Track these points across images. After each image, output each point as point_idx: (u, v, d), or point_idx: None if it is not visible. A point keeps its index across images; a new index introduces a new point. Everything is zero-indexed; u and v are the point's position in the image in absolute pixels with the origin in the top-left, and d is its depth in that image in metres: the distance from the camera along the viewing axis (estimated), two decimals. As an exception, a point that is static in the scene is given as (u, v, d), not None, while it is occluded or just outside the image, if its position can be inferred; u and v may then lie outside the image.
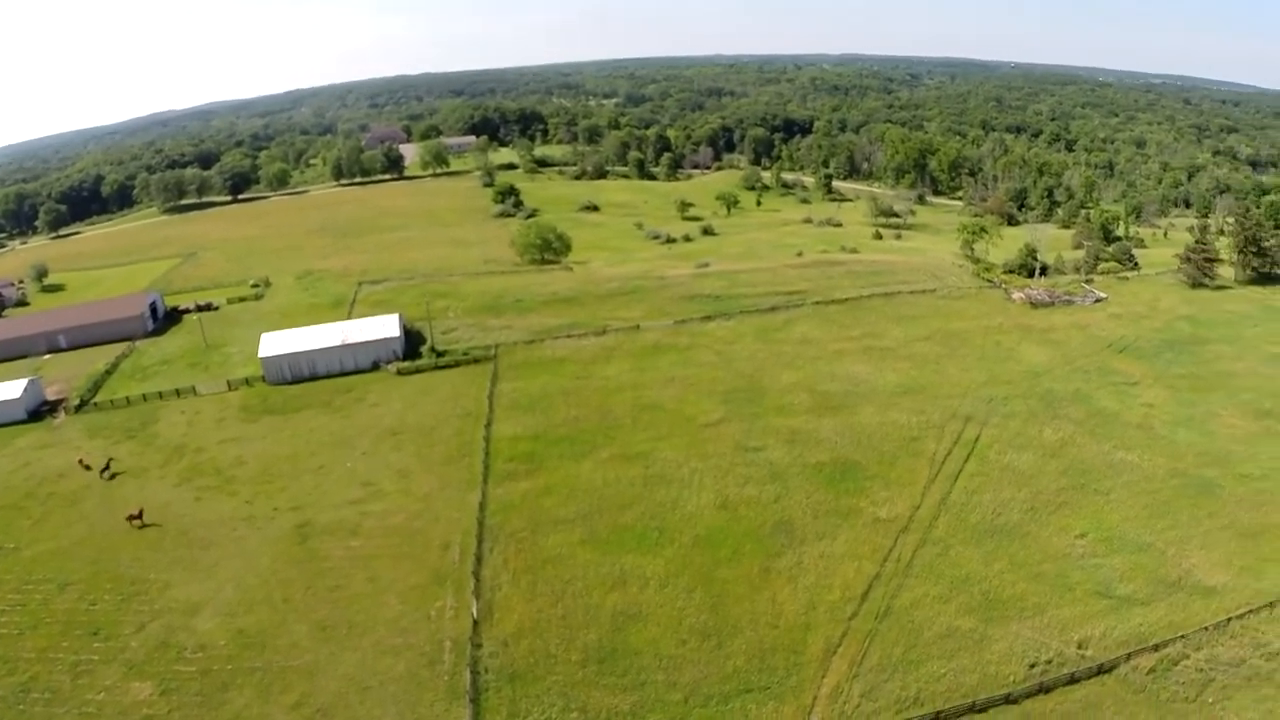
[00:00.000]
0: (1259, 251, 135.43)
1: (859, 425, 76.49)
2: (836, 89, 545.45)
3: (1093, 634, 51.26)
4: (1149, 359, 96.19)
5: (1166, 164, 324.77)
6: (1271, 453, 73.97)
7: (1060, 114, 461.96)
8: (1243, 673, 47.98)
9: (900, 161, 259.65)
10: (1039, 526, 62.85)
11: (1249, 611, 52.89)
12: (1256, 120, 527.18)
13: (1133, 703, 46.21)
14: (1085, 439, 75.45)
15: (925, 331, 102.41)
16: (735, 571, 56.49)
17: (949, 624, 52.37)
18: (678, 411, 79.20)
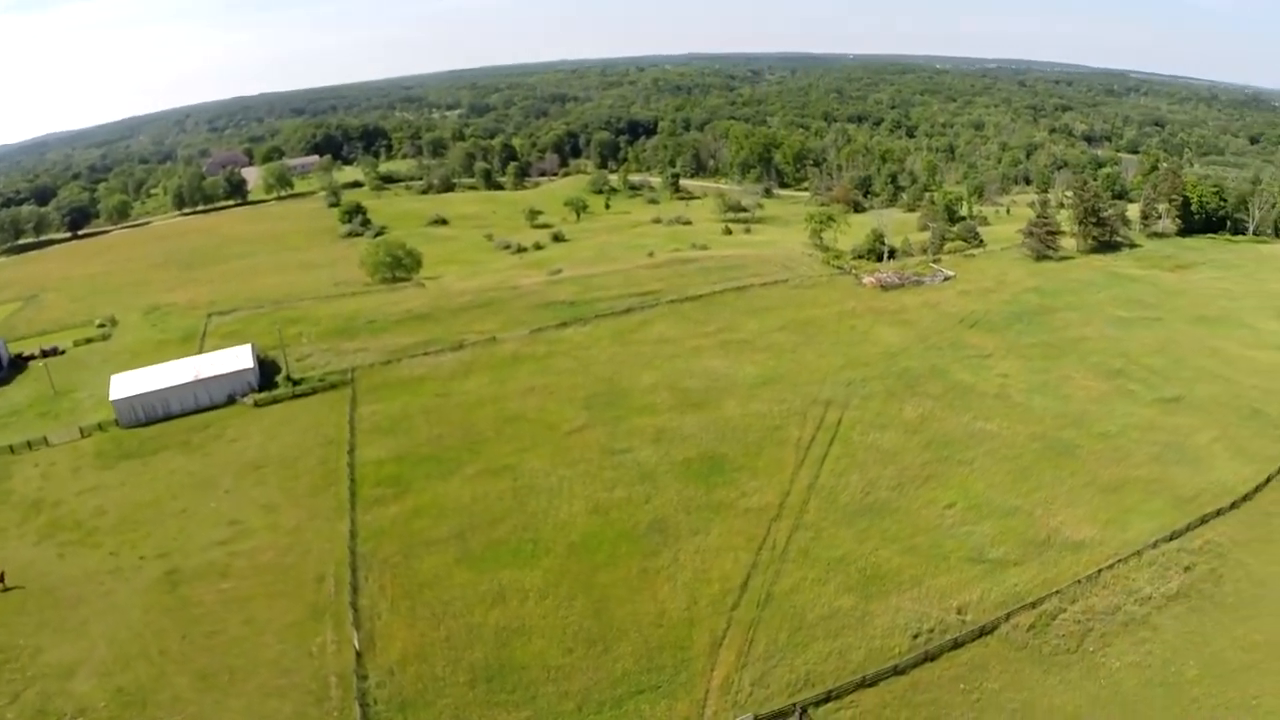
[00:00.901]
0: (1098, 222, 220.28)
1: (723, 419, 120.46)
2: (679, 88, 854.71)
3: (971, 599, 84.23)
4: (1000, 331, 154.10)
5: (1005, 144, 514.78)
6: (1125, 410, 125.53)
7: (900, 102, 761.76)
8: (1118, 619, 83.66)
9: (745, 157, 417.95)
10: (908, 501, 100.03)
11: (1118, 561, 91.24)
12: (1089, 98, 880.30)
13: (1017, 660, 78.01)
14: (945, 413, 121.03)
15: (780, 322, 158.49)
16: (614, 575, 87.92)
17: (830, 604, 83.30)
18: (541, 421, 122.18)
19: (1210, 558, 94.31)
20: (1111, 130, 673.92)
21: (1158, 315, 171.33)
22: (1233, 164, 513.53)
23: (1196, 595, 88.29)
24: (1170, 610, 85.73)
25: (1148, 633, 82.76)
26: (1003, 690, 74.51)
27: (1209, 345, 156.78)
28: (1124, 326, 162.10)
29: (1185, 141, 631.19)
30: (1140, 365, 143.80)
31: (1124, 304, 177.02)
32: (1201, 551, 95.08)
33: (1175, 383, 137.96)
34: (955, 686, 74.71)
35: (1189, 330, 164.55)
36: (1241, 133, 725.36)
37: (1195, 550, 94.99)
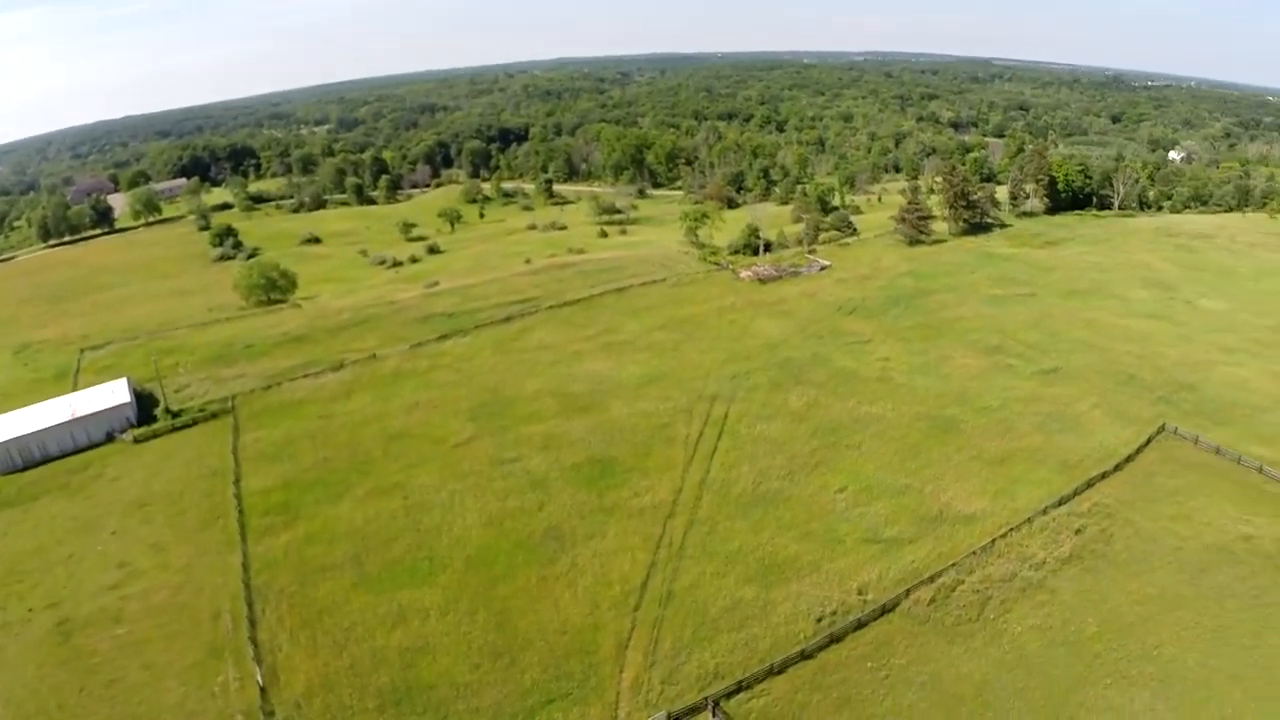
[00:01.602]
0: (968, 204, 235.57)
1: (610, 421, 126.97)
2: (549, 94, 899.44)
3: (870, 578, 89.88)
4: (878, 316, 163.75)
5: (874, 134, 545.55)
6: (1005, 384, 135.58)
7: (769, 97, 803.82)
8: (1016, 585, 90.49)
9: (618, 159, 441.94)
10: (800, 488, 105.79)
11: (1010, 530, 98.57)
12: (954, 86, 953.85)
13: (921, 634, 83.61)
14: (830, 399, 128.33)
15: (661, 320, 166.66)
16: (513, 586, 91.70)
17: (732, 596, 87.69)
18: (427, 436, 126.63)
19: (1099, 519, 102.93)
20: (977, 116, 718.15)
21: (1031, 291, 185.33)
22: (1096, 143, 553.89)
23: (1089, 555, 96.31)
24: (1065, 572, 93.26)
25: (1045, 595, 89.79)
26: (910, 664, 79.78)
27: (1082, 317, 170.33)
28: (999, 304, 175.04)
29: (1050, 123, 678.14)
30: (1017, 340, 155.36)
31: (998, 282, 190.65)
32: (1090, 514, 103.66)
33: (1052, 355, 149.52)
34: (863, 665, 79.62)
35: (1062, 304, 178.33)
36: (1103, 113, 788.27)
37: (1084, 513, 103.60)
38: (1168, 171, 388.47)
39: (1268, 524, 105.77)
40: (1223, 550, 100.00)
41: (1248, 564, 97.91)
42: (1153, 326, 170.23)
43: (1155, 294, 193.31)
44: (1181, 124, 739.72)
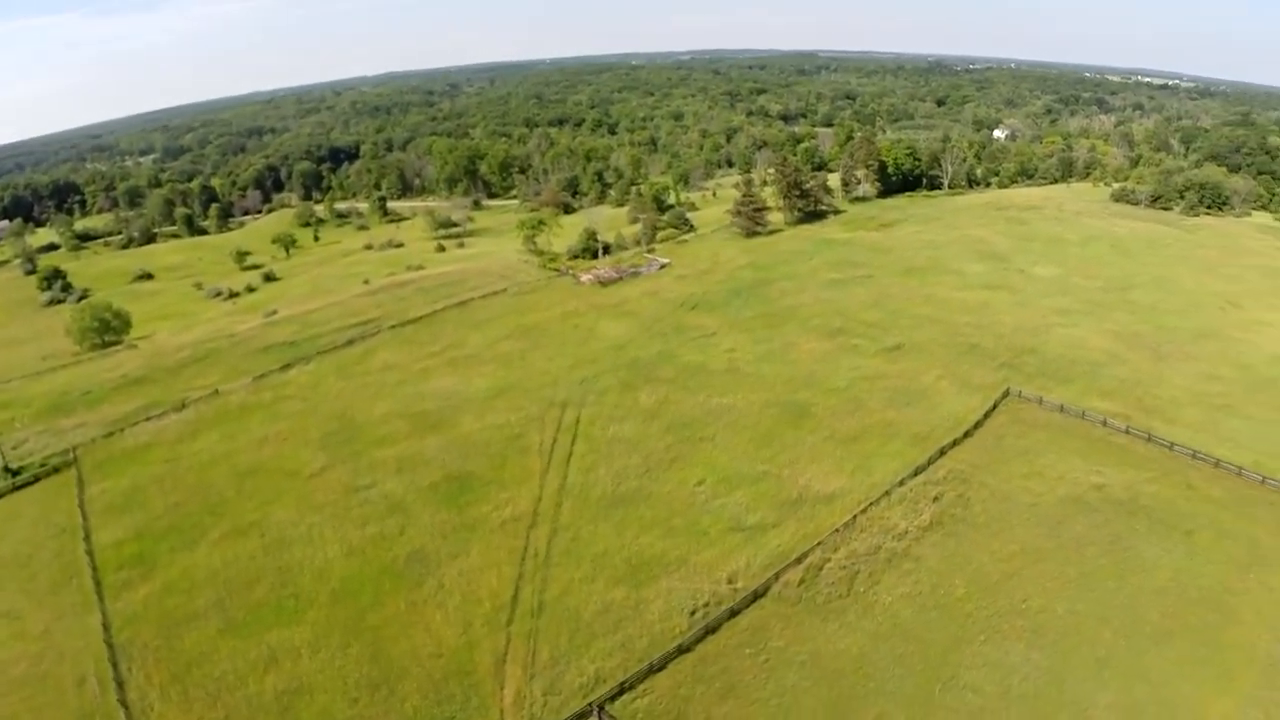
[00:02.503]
0: (802, 194, 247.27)
1: (462, 437, 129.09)
2: (379, 109, 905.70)
3: (738, 566, 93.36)
4: (721, 309, 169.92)
5: (705, 131, 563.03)
6: (850, 364, 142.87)
7: (600, 101, 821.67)
8: (881, 557, 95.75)
9: (451, 171, 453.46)
10: (659, 485, 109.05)
11: (870, 504, 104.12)
12: (782, 79, 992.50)
13: (794, 615, 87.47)
14: (680, 395, 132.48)
15: (505, 331, 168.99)
16: (383, 614, 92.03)
17: (603, 599, 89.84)
18: (279, 470, 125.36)
19: (955, 484, 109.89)
20: (806, 107, 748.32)
21: (869, 273, 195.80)
22: (923, 126, 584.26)
23: (949, 521, 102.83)
24: (928, 539, 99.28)
25: (911, 564, 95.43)
26: (788, 646, 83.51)
27: (921, 293, 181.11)
28: (839, 288, 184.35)
29: (877, 110, 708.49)
30: (859, 321, 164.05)
31: (836, 267, 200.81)
32: (946, 481, 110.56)
33: (894, 332, 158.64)
34: (741, 652, 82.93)
35: (900, 282, 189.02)
36: (928, 97, 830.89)
37: (940, 481, 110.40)
38: (994, 149, 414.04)
39: (1116, 472, 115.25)
40: (1077, 501, 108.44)
41: (1102, 512, 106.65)
42: (990, 297, 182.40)
43: (990, 266, 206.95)
44: (1004, 103, 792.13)
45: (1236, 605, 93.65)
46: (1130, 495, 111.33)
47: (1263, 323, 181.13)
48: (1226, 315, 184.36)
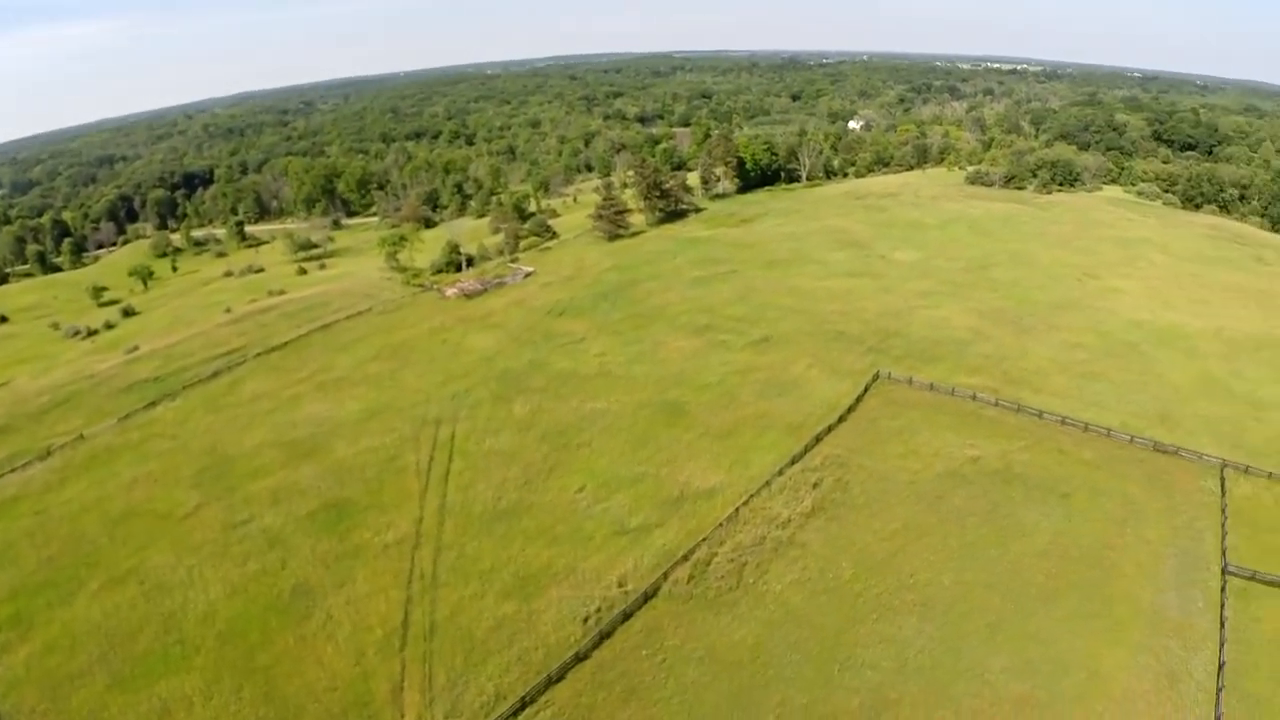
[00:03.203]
0: (662, 194, 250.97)
1: (337, 463, 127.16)
2: (232, 131, 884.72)
3: (626, 569, 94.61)
4: (588, 313, 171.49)
5: (564, 137, 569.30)
6: (720, 360, 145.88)
7: (456, 112, 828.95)
8: (767, 547, 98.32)
9: (308, 192, 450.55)
10: (539, 495, 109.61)
11: (750, 496, 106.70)
12: (638, 82, 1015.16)
13: (687, 612, 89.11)
14: (553, 403, 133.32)
15: (373, 351, 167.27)
16: (273, 652, 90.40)
17: (495, 615, 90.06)
18: (152, 513, 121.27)
19: (833, 469, 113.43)
20: (663, 108, 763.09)
21: (733, 268, 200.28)
22: (779, 121, 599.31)
23: (830, 505, 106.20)
24: (811, 525, 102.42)
25: (797, 551, 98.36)
26: (683, 643, 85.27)
27: (785, 285, 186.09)
28: (703, 285, 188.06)
29: (733, 108, 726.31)
30: (726, 316, 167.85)
31: (700, 264, 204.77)
32: (824, 466, 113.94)
33: (761, 325, 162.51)
34: (638, 654, 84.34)
35: (764, 275, 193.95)
36: (783, 93, 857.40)
37: (818, 467, 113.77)
38: (850, 140, 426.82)
39: (989, 444, 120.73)
40: (954, 475, 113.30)
41: (978, 483, 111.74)
42: (853, 284, 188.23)
43: (851, 254, 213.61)
44: (858, 95, 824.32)
45: (1117, 560, 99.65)
46: (1005, 465, 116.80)
47: (1118, 290, 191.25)
48: (1084, 286, 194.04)
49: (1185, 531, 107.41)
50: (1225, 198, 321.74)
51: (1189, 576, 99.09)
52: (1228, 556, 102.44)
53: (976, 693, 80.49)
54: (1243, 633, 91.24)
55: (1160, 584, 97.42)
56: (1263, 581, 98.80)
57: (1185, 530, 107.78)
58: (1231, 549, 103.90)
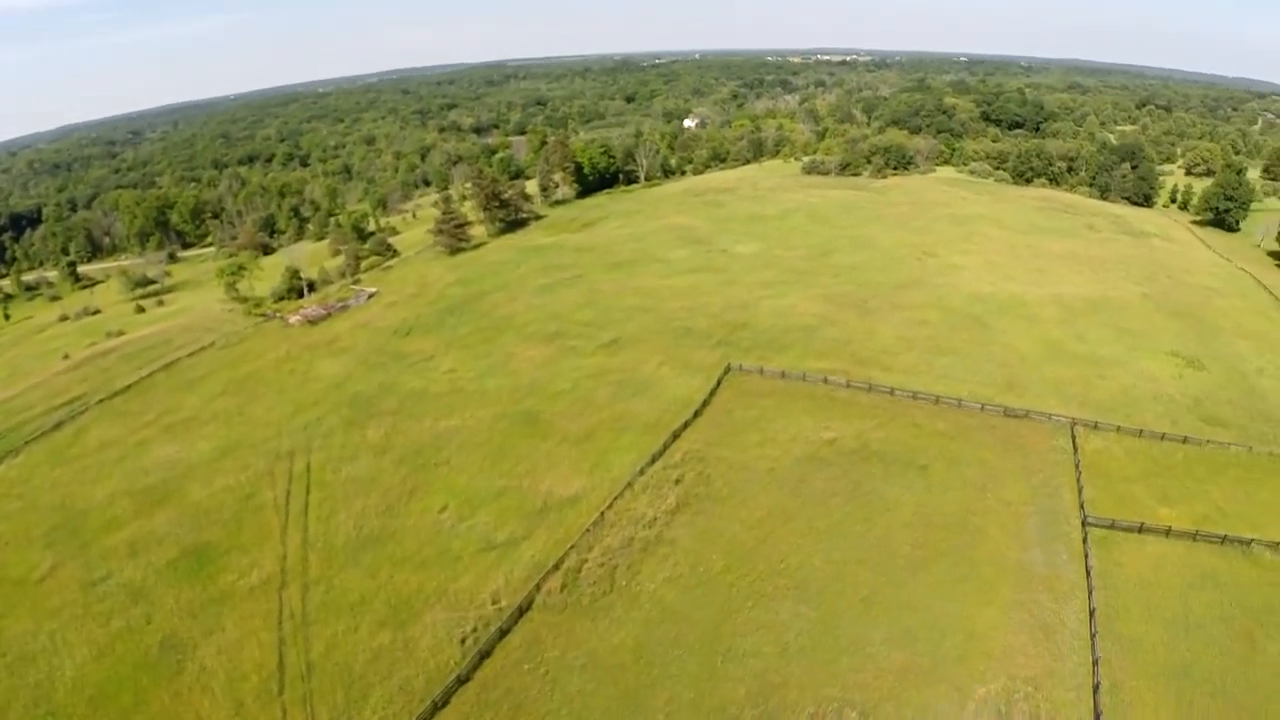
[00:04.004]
0: (502, 204, 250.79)
1: (193, 507, 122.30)
2: (59, 167, 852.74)
3: (498, 586, 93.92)
4: (435, 330, 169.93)
5: (399, 152, 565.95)
6: (571, 365, 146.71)
7: (289, 133, 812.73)
8: (636, 548, 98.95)
9: (141, 225, 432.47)
10: (402, 519, 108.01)
11: (614, 499, 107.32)
12: (472, 92, 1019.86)
13: (564, 621, 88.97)
14: (407, 424, 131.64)
15: (219, 387, 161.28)
16: (148, 713, 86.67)
17: (371, 647, 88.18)
18: (5, 579, 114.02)
19: (694, 464, 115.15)
20: (498, 118, 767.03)
21: (578, 273, 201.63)
22: (615, 124, 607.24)
23: (694, 499, 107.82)
24: (678, 521, 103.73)
25: (667, 548, 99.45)
26: (564, 653, 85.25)
27: (630, 286, 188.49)
28: (549, 292, 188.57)
29: (568, 113, 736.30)
30: (574, 322, 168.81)
31: (544, 272, 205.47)
32: (684, 462, 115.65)
33: (609, 328, 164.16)
34: (520, 670, 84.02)
35: (609, 278, 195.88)
36: (618, 95, 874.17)
37: (678, 464, 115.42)
38: (685, 138, 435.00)
39: (844, 425, 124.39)
40: (813, 459, 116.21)
41: (837, 464, 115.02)
42: (698, 280, 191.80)
43: (694, 250, 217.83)
44: (692, 93, 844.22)
45: (980, 524, 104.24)
46: (862, 444, 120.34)
47: (957, 266, 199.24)
48: (923, 264, 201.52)
49: (1043, 490, 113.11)
50: (1054, 171, 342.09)
51: (1051, 531, 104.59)
52: (1086, 509, 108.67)
53: (860, 666, 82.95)
54: (1108, 579, 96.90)
55: (1024, 542, 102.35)
56: (1122, 529, 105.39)
57: (1043, 488, 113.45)
58: (1089, 501, 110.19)
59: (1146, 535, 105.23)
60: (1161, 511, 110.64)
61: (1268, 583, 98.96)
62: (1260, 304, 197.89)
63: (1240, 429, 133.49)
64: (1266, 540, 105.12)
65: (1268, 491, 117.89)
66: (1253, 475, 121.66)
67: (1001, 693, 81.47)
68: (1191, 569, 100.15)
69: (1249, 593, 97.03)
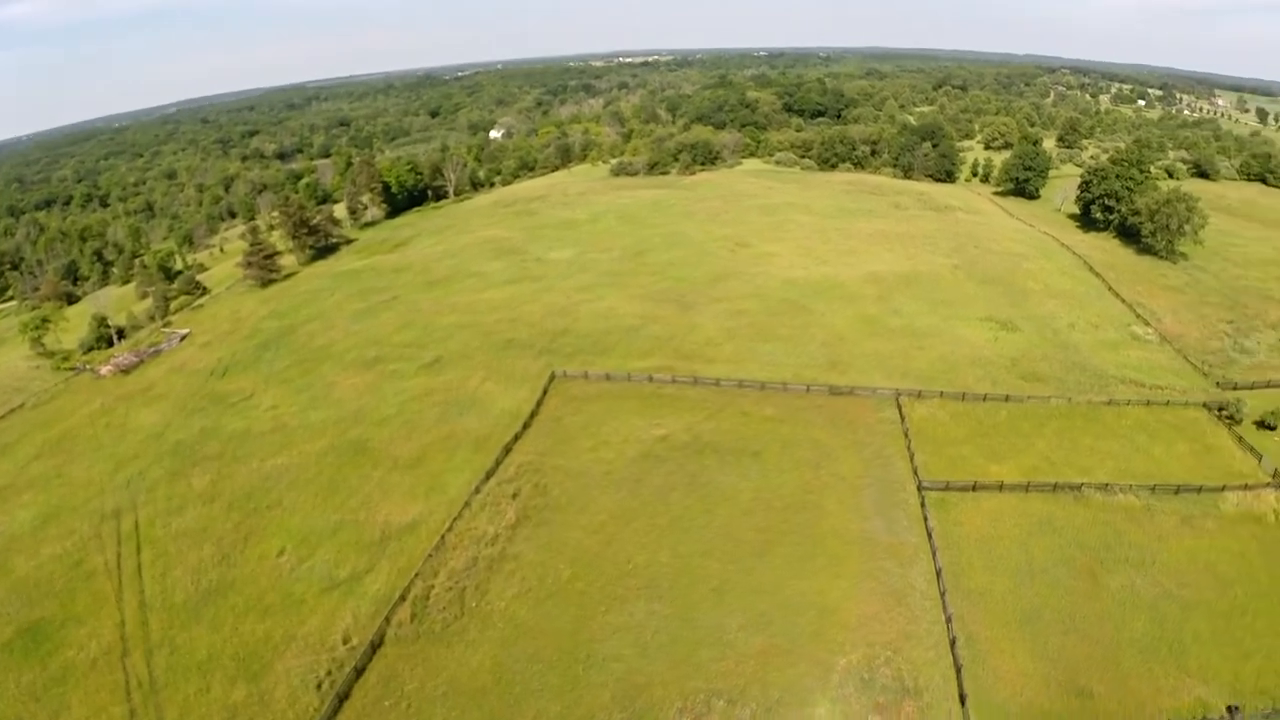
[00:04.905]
0: (311, 230, 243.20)
1: (20, 581, 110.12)
2: None
3: (347, 624, 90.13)
4: (253, 367, 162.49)
5: (202, 185, 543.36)
6: (395, 389, 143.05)
7: (86, 172, 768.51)
8: (481, 567, 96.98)
9: None
10: (240, 568, 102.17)
11: (453, 520, 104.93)
12: (273, 117, 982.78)
13: (419, 651, 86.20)
14: (234, 468, 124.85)
15: (34, 450, 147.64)
16: None
17: (225, 705, 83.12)
18: None
19: (530, 476, 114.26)
20: (302, 142, 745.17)
21: (393, 295, 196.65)
22: (421, 140, 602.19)
23: (534, 511, 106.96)
24: (520, 535, 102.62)
25: (512, 564, 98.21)
26: (423, 684, 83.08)
27: (448, 303, 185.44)
28: (366, 316, 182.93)
29: (373, 132, 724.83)
30: (393, 344, 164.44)
31: (359, 296, 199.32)
32: (520, 475, 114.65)
33: (430, 348, 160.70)
34: (381, 707, 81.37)
35: (425, 296, 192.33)
36: (421, 111, 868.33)
37: (513, 477, 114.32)
38: (492, 149, 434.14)
39: (674, 420, 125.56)
40: (647, 457, 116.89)
41: (672, 460, 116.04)
42: (514, 290, 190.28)
43: (509, 261, 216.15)
44: (496, 104, 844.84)
45: (819, 501, 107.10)
46: (694, 437, 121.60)
47: (770, 254, 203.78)
48: (737, 255, 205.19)
49: (876, 461, 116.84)
50: (858, 155, 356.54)
51: (889, 500, 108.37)
52: (920, 474, 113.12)
53: (721, 656, 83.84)
54: (950, 538, 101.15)
55: (864, 513, 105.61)
56: (956, 489, 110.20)
57: (875, 460, 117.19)
58: (922, 467, 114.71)
59: (981, 493, 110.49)
60: (992, 468, 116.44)
61: (1101, 522, 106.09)
62: (1064, 264, 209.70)
63: (1058, 382, 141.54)
64: (1095, 482, 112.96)
65: (1090, 437, 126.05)
66: (1074, 424, 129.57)
67: (863, 661, 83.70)
68: (1028, 519, 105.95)
69: (1085, 533, 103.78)
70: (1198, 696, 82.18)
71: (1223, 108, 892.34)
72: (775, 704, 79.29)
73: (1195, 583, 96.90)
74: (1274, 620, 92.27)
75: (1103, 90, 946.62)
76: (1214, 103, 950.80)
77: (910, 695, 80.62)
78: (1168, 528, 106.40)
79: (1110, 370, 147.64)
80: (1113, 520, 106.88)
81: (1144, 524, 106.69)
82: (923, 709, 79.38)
